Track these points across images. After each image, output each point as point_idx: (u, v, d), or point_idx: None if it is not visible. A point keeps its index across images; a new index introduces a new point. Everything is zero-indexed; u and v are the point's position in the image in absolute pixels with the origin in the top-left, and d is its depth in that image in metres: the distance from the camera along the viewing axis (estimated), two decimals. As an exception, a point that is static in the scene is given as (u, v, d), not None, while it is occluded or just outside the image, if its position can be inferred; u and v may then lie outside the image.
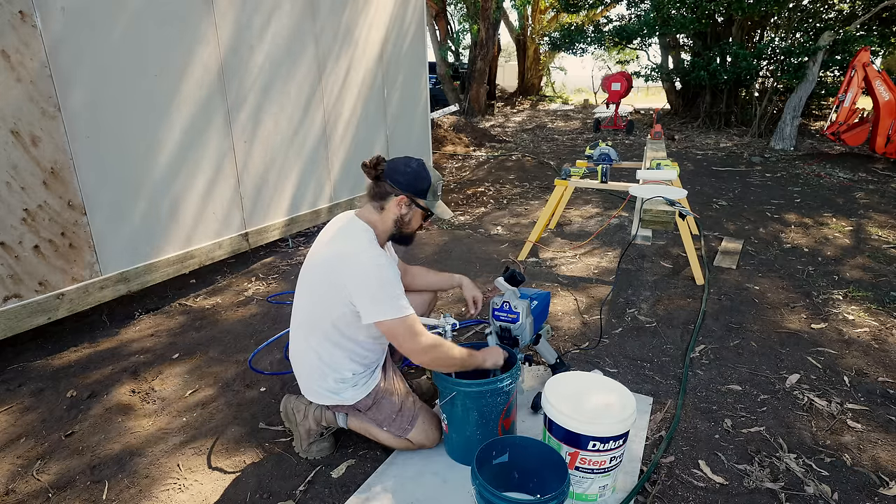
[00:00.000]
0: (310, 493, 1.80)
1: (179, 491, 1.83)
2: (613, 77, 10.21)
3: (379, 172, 1.79)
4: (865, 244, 4.17)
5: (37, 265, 2.64)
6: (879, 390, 2.29)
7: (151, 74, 3.06)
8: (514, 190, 6.27)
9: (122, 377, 2.52)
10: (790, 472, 1.84)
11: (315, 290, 1.79)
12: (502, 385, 1.77)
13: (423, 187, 1.79)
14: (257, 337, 2.86)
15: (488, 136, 9.82)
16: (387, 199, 1.79)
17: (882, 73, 6.88)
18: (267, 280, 3.68)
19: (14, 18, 2.44)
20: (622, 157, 4.65)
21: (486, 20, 12.50)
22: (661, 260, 3.89)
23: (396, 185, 1.77)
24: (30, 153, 2.56)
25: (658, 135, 5.03)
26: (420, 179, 1.79)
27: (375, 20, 4.88)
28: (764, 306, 3.11)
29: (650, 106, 15.30)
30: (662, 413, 2.17)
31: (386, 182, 1.78)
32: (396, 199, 1.77)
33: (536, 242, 3.96)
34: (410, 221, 1.84)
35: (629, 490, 1.74)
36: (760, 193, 5.85)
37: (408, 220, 1.83)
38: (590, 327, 2.90)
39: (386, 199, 1.79)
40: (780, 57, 9.84)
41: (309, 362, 1.84)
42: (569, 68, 24.86)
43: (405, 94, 5.51)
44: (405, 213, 1.80)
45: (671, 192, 3.18)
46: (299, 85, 4.09)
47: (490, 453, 1.63)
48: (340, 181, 4.68)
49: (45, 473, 1.92)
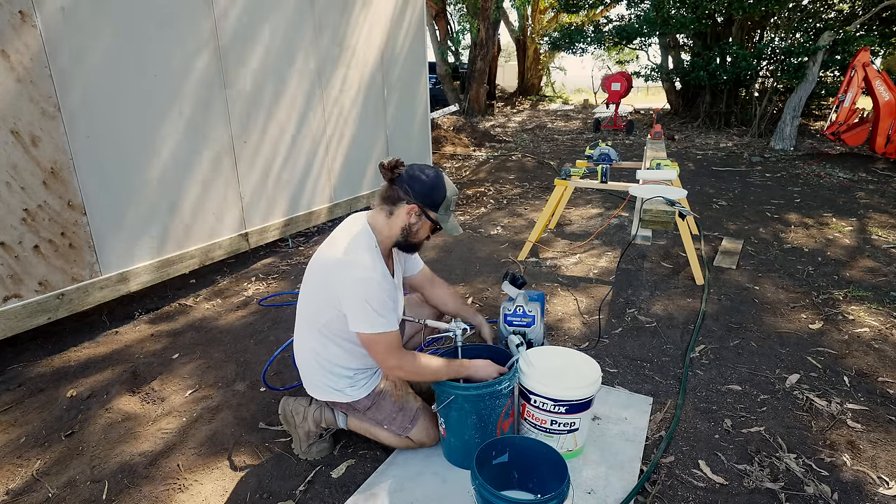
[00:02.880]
0: (310, 493, 1.80)
1: (179, 491, 1.83)
2: (613, 77, 10.22)
3: (395, 175, 1.73)
4: (865, 244, 4.17)
5: (37, 265, 2.64)
6: (879, 390, 2.29)
7: (151, 74, 3.06)
8: (514, 190, 6.27)
9: (122, 377, 2.52)
10: (790, 472, 1.84)
11: (313, 289, 1.80)
12: (500, 388, 1.77)
13: (437, 200, 1.74)
14: (257, 337, 2.86)
15: (488, 136, 9.82)
16: (397, 205, 1.74)
17: (882, 73, 6.87)
18: (267, 280, 3.68)
19: (14, 18, 2.44)
20: (622, 157, 4.66)
21: (486, 20, 12.50)
22: (661, 260, 3.89)
23: (410, 192, 1.72)
24: (30, 153, 2.56)
25: (658, 135, 5.03)
26: (435, 191, 1.73)
27: (375, 20, 4.88)
28: (764, 306, 3.11)
29: (650, 106, 15.30)
30: (662, 413, 2.17)
31: (400, 187, 1.73)
32: (407, 207, 1.73)
33: (536, 242, 3.96)
34: (418, 232, 1.78)
35: (629, 490, 1.74)
36: (760, 193, 5.85)
37: (415, 231, 1.77)
38: (590, 327, 2.90)
39: (397, 204, 1.74)
40: (780, 57, 9.84)
41: (310, 356, 1.84)
42: (569, 68, 24.87)
43: (405, 94, 5.51)
44: (414, 222, 1.75)
45: (671, 192, 3.17)
46: (298, 85, 4.09)
47: (490, 453, 1.63)
48: (340, 181, 4.68)
49: (45, 473, 1.92)
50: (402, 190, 1.73)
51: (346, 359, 1.81)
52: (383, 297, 1.67)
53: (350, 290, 1.66)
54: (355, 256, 1.68)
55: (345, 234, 1.78)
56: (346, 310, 1.67)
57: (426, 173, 1.75)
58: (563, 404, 1.77)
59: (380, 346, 1.69)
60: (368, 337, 1.68)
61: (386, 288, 1.71)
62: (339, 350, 1.79)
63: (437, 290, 2.18)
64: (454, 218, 1.86)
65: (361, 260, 1.68)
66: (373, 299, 1.65)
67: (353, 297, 1.65)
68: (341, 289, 1.67)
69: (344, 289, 1.67)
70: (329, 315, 1.73)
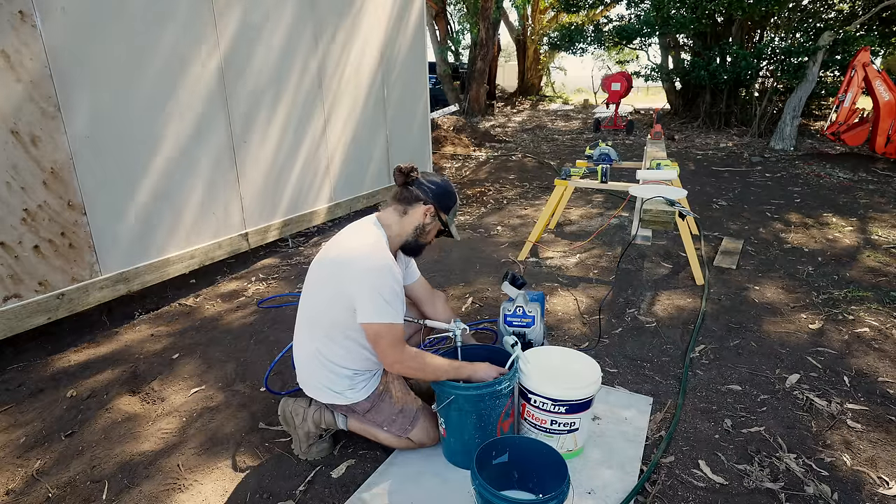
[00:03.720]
0: (310, 493, 1.80)
1: (179, 491, 1.83)
2: (613, 77, 10.21)
3: (410, 179, 1.85)
4: (866, 244, 4.17)
5: (37, 265, 2.64)
6: (879, 390, 2.29)
7: (151, 74, 3.06)
8: (514, 190, 6.27)
9: (122, 377, 2.52)
10: (790, 472, 1.84)
11: (320, 287, 1.80)
12: (500, 388, 1.77)
13: (449, 203, 1.88)
14: (257, 337, 2.86)
15: (488, 136, 9.82)
16: (413, 206, 1.84)
17: (882, 73, 6.87)
18: (267, 280, 3.68)
19: (14, 18, 2.44)
20: (622, 157, 4.65)
21: (486, 20, 12.50)
22: (661, 260, 3.89)
23: (429, 194, 1.83)
24: (30, 153, 2.56)
25: (658, 135, 5.03)
26: (448, 195, 1.88)
27: (375, 20, 4.88)
28: (764, 306, 3.11)
29: (650, 106, 15.30)
30: (662, 413, 2.17)
31: (419, 189, 1.84)
32: (424, 208, 1.84)
33: (536, 242, 3.96)
34: (429, 233, 1.89)
35: (629, 490, 1.74)
36: (760, 193, 5.85)
37: (427, 231, 1.88)
38: (590, 327, 2.90)
39: (413, 204, 1.84)
40: (780, 57, 9.84)
41: (311, 358, 1.84)
42: (569, 68, 24.78)
43: (405, 94, 5.51)
44: (428, 222, 1.86)
45: (671, 192, 3.17)
46: (299, 84, 4.09)
47: (490, 453, 1.63)
48: (340, 181, 4.68)
49: (45, 473, 1.92)
50: (420, 191, 1.84)
51: (347, 359, 1.81)
52: (395, 286, 1.70)
53: (363, 280, 1.67)
54: (368, 249, 1.72)
55: (354, 232, 1.82)
56: (356, 301, 1.68)
57: (440, 179, 1.90)
58: (563, 404, 1.77)
59: (386, 339, 1.70)
60: (376, 328, 1.68)
61: (397, 278, 1.73)
62: (341, 350, 1.79)
63: (437, 300, 2.21)
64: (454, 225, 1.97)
65: (374, 251, 1.72)
66: (384, 288, 1.67)
67: (366, 286, 1.67)
68: (353, 280, 1.68)
69: (356, 279, 1.68)
70: (338, 313, 1.73)
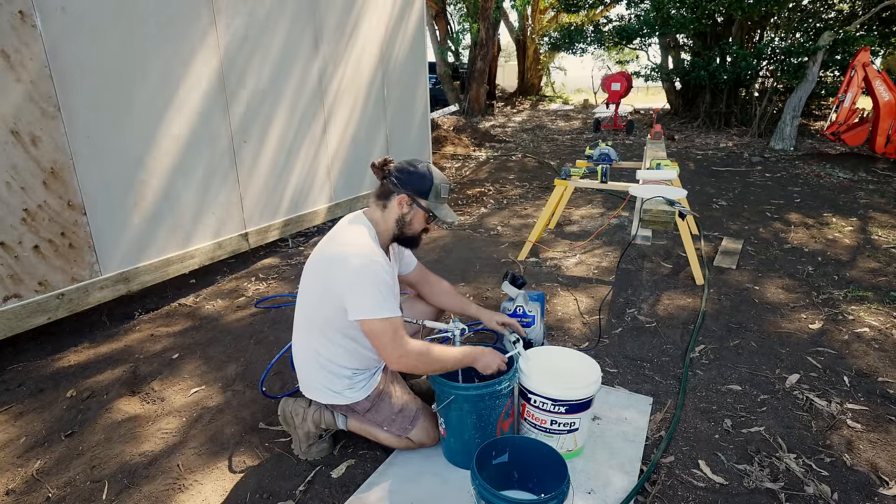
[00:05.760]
0: (310, 493, 1.80)
1: (179, 491, 1.83)
2: (613, 77, 10.20)
3: (385, 172, 1.82)
4: (866, 244, 4.17)
5: (37, 265, 2.64)
6: (879, 390, 2.29)
7: (152, 74, 3.05)
8: (514, 190, 6.27)
9: (122, 377, 2.52)
10: (790, 472, 1.84)
11: (313, 287, 1.80)
12: (501, 387, 1.77)
13: (424, 187, 1.79)
14: (257, 337, 2.86)
15: (488, 136, 9.81)
16: (389, 198, 1.80)
17: (882, 73, 6.87)
18: (267, 280, 3.68)
19: (14, 18, 2.44)
20: (622, 157, 4.65)
21: (486, 20, 12.50)
22: (662, 260, 3.89)
23: (398, 183, 1.78)
24: (30, 153, 2.56)
25: (658, 135, 5.03)
26: (421, 179, 1.79)
27: (375, 20, 4.88)
28: (764, 306, 3.11)
29: (650, 106, 15.29)
30: (662, 413, 2.17)
31: (389, 181, 1.80)
32: (398, 198, 1.78)
33: (536, 242, 3.96)
34: (412, 222, 1.83)
35: (629, 490, 1.74)
36: (760, 193, 5.85)
37: (409, 221, 1.82)
38: (590, 327, 2.90)
39: (389, 197, 1.80)
40: (780, 57, 9.84)
41: (309, 358, 1.84)
42: (569, 68, 24.78)
43: (405, 94, 5.51)
44: (406, 212, 1.80)
45: (671, 192, 3.17)
46: (299, 84, 4.09)
47: (490, 453, 1.63)
48: (340, 181, 4.68)
49: (45, 473, 1.92)
50: (391, 183, 1.79)
51: (346, 358, 1.81)
52: (387, 280, 1.69)
53: (353, 278, 1.65)
54: (356, 247, 1.70)
55: (343, 230, 1.80)
56: (347, 300, 1.66)
57: (412, 164, 1.82)
58: (562, 404, 1.77)
59: (385, 335, 1.66)
60: (372, 324, 1.66)
61: (389, 272, 1.72)
62: (339, 349, 1.79)
63: (435, 287, 2.19)
64: (447, 206, 1.89)
65: (362, 248, 1.70)
66: (378, 283, 1.65)
67: (357, 283, 1.65)
68: (343, 278, 1.66)
69: (346, 277, 1.66)
70: (329, 310, 1.72)
